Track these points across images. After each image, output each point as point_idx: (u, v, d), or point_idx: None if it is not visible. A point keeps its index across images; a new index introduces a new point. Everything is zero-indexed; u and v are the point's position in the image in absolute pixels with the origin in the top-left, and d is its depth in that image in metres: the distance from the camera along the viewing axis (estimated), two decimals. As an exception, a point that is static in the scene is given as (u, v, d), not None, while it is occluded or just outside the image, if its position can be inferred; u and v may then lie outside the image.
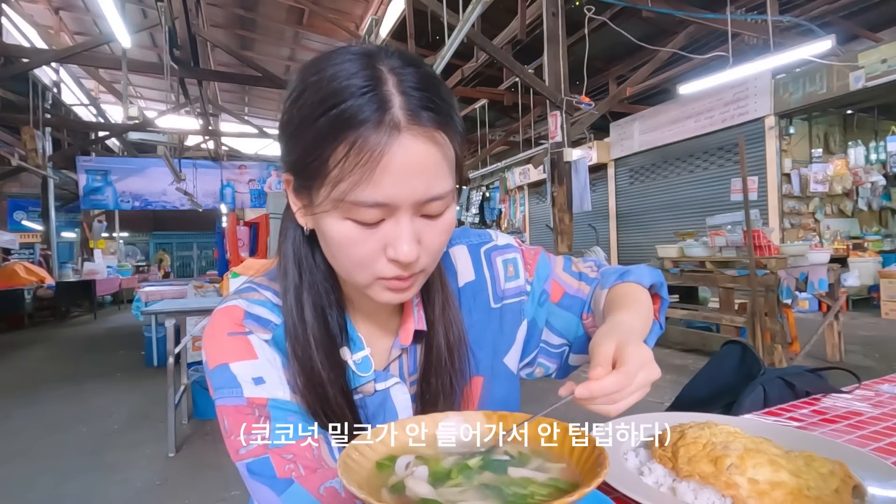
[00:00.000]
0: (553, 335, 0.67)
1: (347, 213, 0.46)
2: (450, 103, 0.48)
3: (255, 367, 0.52)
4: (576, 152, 5.56)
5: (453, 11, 4.81)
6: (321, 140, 0.45)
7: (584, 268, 0.70)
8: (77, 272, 10.08)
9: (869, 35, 6.86)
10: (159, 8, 5.59)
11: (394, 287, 0.50)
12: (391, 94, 0.45)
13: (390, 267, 0.48)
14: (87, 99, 11.44)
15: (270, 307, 0.56)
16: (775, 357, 3.62)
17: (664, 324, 0.65)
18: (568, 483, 0.38)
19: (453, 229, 0.52)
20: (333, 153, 0.44)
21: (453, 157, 0.49)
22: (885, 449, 0.66)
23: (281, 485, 0.49)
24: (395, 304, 0.59)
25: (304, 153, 0.47)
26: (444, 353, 0.58)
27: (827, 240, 7.04)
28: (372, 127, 0.43)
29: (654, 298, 0.64)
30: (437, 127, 0.46)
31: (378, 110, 0.44)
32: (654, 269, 0.65)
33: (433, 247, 0.50)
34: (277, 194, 5.18)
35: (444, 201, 0.48)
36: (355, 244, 0.48)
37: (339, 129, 0.44)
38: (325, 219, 0.48)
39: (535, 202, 11.97)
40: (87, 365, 5.18)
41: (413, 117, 0.45)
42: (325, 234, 0.49)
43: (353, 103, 0.44)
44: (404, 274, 0.49)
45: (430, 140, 0.46)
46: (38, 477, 2.56)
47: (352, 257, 0.49)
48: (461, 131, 0.51)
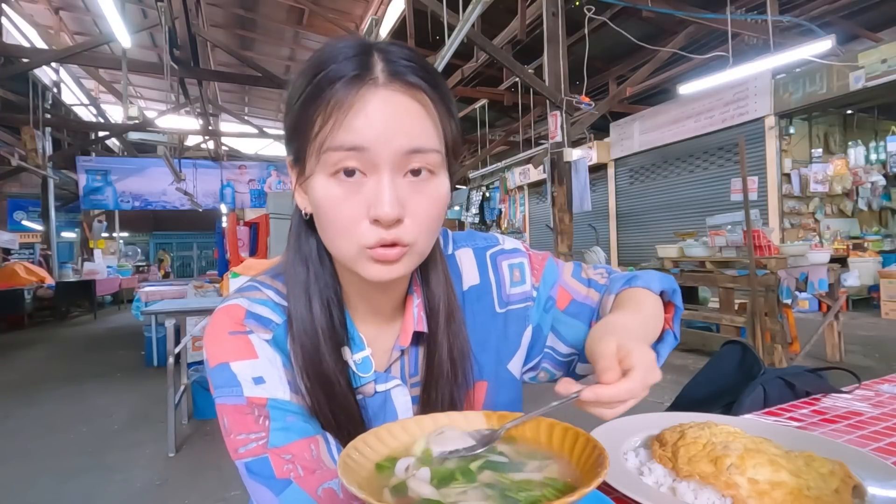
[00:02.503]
0: (561, 343, 0.65)
1: (329, 167, 0.47)
2: (437, 78, 0.50)
3: (256, 366, 0.52)
4: (576, 152, 5.56)
5: (453, 11, 4.81)
6: (307, 103, 0.47)
7: (594, 274, 0.68)
8: (77, 272, 10.08)
9: (869, 35, 6.86)
10: (159, 8, 5.59)
11: (379, 257, 0.48)
12: (375, 61, 0.47)
13: (373, 230, 0.47)
14: (87, 99, 11.44)
15: (272, 306, 0.56)
16: (775, 357, 3.62)
17: (679, 333, 0.62)
18: (568, 483, 0.38)
19: (445, 203, 0.51)
20: (316, 110, 0.47)
21: (440, 124, 0.49)
22: (885, 449, 0.66)
23: (279, 485, 0.49)
24: (396, 303, 0.59)
25: (294, 119, 0.49)
26: (445, 364, 0.57)
27: (827, 240, 7.04)
28: (350, 80, 0.46)
29: (668, 307, 0.62)
30: (419, 89, 0.47)
31: (358, 68, 0.46)
32: (665, 275, 0.63)
33: (419, 214, 0.48)
34: (277, 194, 5.18)
35: (429, 157, 0.48)
36: (339, 205, 0.47)
37: (322, 89, 0.46)
38: (314, 182, 0.49)
39: (535, 202, 11.97)
40: (87, 365, 5.18)
41: (394, 76, 0.47)
42: (314, 201, 0.49)
43: (335, 66, 0.46)
44: (387, 238, 0.47)
45: (411, 96, 0.47)
46: (38, 477, 2.56)
47: (337, 222, 0.48)
48: (453, 113, 0.51)
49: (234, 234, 5.33)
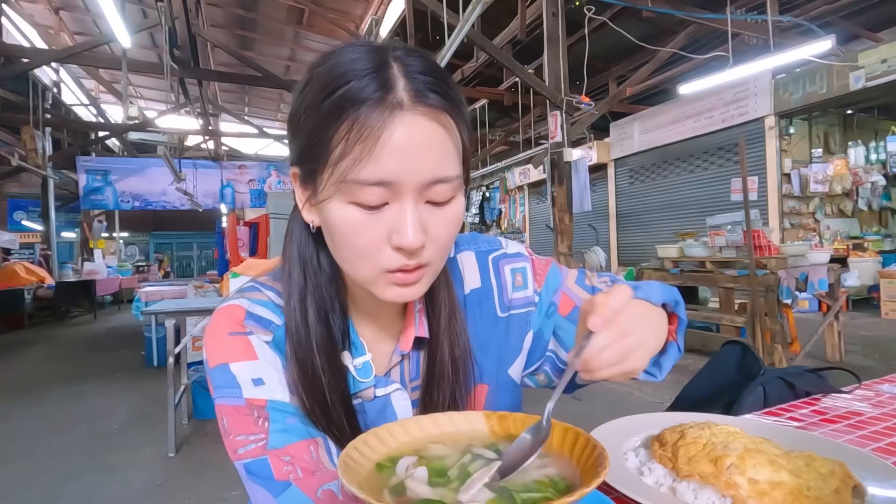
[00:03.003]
0: (563, 350, 0.65)
1: (350, 196, 0.45)
2: (456, 92, 0.48)
3: (255, 368, 0.52)
4: (576, 152, 5.56)
5: (453, 11, 4.81)
6: (324, 121, 0.45)
7: (598, 282, 0.67)
8: (77, 272, 10.08)
9: (869, 35, 6.87)
10: (159, 8, 5.59)
11: (399, 281, 0.48)
12: (395, 77, 0.45)
13: (395, 256, 0.47)
14: (87, 99, 11.45)
15: (272, 308, 0.56)
16: (775, 357, 3.62)
17: (683, 346, 0.60)
18: (568, 483, 0.38)
19: (461, 222, 0.51)
20: (336, 132, 0.44)
21: (460, 144, 0.48)
22: (885, 449, 0.66)
23: (278, 487, 0.49)
24: (398, 308, 0.59)
25: (309, 137, 0.47)
26: (447, 366, 0.57)
27: (827, 240, 7.04)
28: (374, 104, 0.43)
29: (672, 319, 0.60)
30: (443, 110, 0.46)
31: (381, 89, 0.44)
32: (668, 286, 0.61)
33: (440, 238, 0.48)
34: (277, 194, 5.19)
35: (450, 186, 0.47)
36: (358, 231, 0.46)
37: (342, 109, 0.44)
38: (329, 206, 0.47)
39: (535, 202, 11.97)
40: (87, 365, 5.17)
41: (418, 98, 0.45)
42: (329, 222, 0.48)
43: (355, 84, 0.44)
44: (410, 264, 0.47)
45: (435, 121, 0.45)
46: (38, 477, 2.56)
47: (355, 247, 0.47)
48: (468, 124, 0.50)
49: (234, 234, 5.33)
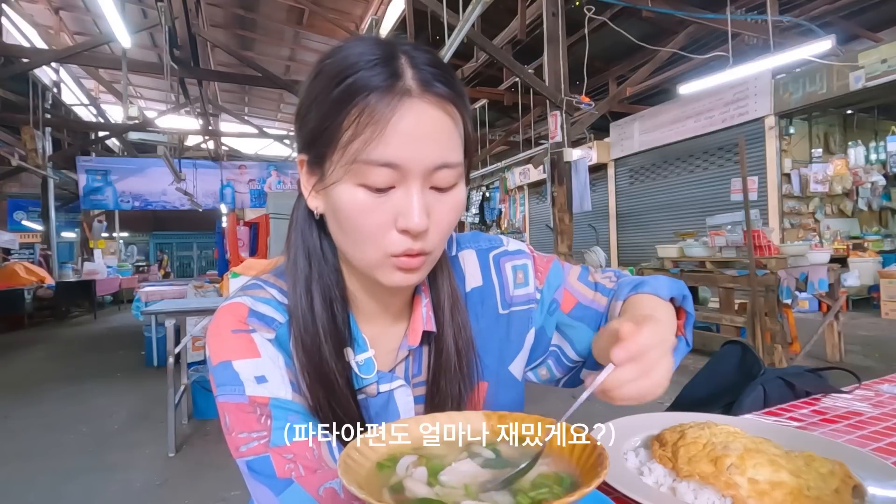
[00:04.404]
0: (570, 348, 0.65)
1: (359, 178, 0.47)
2: (460, 85, 0.50)
3: (258, 365, 0.52)
4: (576, 152, 5.56)
5: (453, 11, 4.81)
6: (335, 107, 0.47)
7: (602, 278, 0.67)
8: (77, 272, 10.08)
9: (869, 35, 6.86)
10: (159, 8, 5.59)
11: (403, 265, 0.49)
12: (404, 67, 0.47)
13: (400, 240, 0.48)
14: (87, 99, 11.44)
15: (275, 305, 0.56)
16: (775, 357, 3.62)
17: (692, 340, 0.60)
18: (568, 483, 0.38)
19: (462, 210, 0.52)
20: (347, 117, 0.46)
21: (464, 134, 0.50)
22: (885, 449, 0.66)
23: (280, 484, 0.49)
24: (401, 304, 0.59)
25: (319, 123, 0.48)
26: (453, 356, 0.57)
27: (827, 240, 7.04)
28: (384, 91, 0.45)
29: (680, 313, 0.60)
30: (449, 100, 0.48)
31: (390, 78, 0.46)
32: (676, 280, 0.60)
33: (442, 224, 0.50)
34: (277, 194, 5.19)
35: (454, 172, 0.49)
36: (365, 214, 0.47)
37: (352, 95, 0.46)
38: (337, 189, 0.48)
39: (535, 202, 11.97)
40: (87, 365, 5.17)
41: (425, 87, 0.47)
42: (337, 206, 0.49)
43: (365, 73, 0.46)
44: (414, 248, 0.48)
45: (441, 109, 0.47)
46: (38, 477, 2.56)
47: (362, 230, 0.48)
48: (471, 115, 0.52)
49: (234, 234, 5.34)
